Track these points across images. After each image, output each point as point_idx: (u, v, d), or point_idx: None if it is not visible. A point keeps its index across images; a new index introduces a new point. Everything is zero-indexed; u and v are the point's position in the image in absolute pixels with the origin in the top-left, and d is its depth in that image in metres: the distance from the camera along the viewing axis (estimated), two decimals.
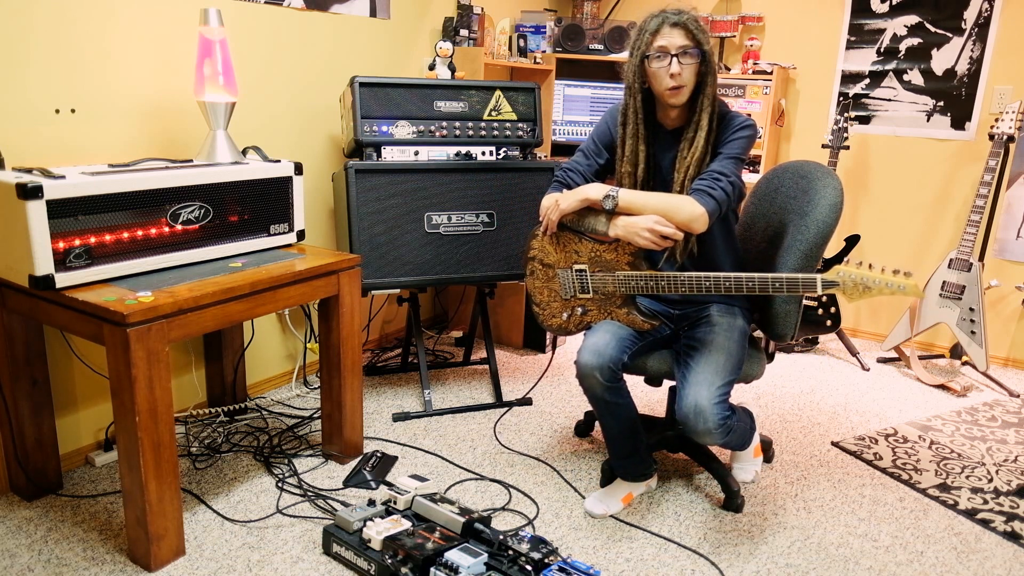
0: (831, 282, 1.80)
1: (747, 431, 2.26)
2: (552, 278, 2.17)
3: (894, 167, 3.63)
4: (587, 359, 2.00)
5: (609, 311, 2.11)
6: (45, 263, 1.76)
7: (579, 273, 2.11)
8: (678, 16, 1.94)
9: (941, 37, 3.42)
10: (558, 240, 2.12)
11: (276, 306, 2.07)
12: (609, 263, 2.06)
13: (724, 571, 1.95)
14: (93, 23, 2.16)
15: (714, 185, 1.94)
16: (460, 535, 1.89)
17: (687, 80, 1.94)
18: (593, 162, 2.17)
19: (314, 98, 2.88)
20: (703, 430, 1.89)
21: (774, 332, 2.14)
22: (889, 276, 1.74)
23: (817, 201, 2.03)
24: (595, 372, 1.99)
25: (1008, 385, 3.24)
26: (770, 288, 1.88)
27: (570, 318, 2.16)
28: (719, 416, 1.88)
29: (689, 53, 1.93)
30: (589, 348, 2.01)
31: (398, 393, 2.96)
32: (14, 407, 2.05)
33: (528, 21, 3.78)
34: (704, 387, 1.91)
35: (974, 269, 3.16)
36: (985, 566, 2.01)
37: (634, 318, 2.08)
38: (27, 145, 2.08)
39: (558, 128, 3.83)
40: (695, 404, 1.89)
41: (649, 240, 1.94)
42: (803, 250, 2.02)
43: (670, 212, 1.93)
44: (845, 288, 1.80)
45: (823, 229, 2.00)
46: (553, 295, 2.18)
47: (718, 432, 1.89)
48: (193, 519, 2.09)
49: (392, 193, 2.62)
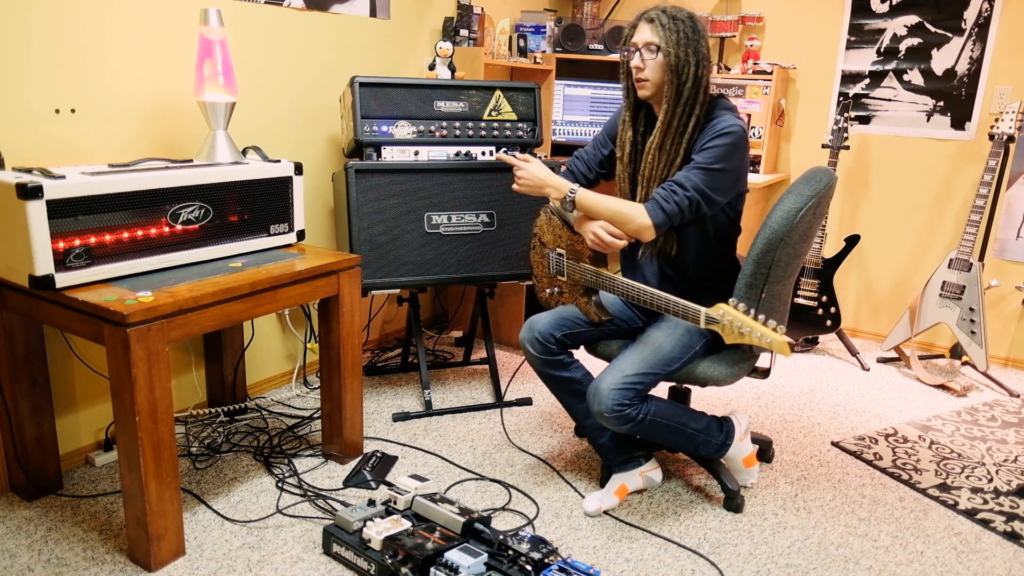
0: (712, 319, 1.80)
1: (688, 434, 2.13)
2: (545, 255, 2.28)
3: (894, 167, 3.63)
4: (522, 333, 2.22)
5: (575, 297, 2.21)
6: (45, 263, 1.76)
7: (558, 257, 2.22)
8: (655, 12, 1.99)
9: (941, 37, 3.42)
10: (550, 222, 2.23)
11: (276, 306, 2.07)
12: (578, 253, 2.14)
13: (724, 571, 1.95)
14: (93, 23, 2.16)
15: (669, 197, 1.95)
16: (460, 535, 1.89)
17: (649, 75, 1.99)
18: (598, 152, 2.26)
19: (314, 98, 2.88)
20: (596, 411, 1.98)
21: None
22: (765, 328, 1.70)
23: (778, 207, 1.96)
24: (526, 344, 2.20)
25: (1008, 385, 3.24)
26: (668, 309, 1.91)
27: (551, 295, 2.31)
28: (613, 402, 1.95)
29: (650, 48, 1.97)
30: (527, 324, 2.22)
31: (398, 393, 2.96)
32: (14, 407, 2.05)
33: (528, 21, 3.77)
34: (612, 372, 1.99)
35: (974, 269, 3.16)
36: (985, 566, 2.01)
37: (589, 308, 2.17)
38: (27, 145, 2.08)
39: (558, 128, 3.83)
40: (595, 386, 1.99)
41: (593, 242, 2.03)
42: (754, 256, 1.96)
43: (619, 220, 2.00)
44: (723, 328, 1.77)
45: (770, 236, 1.93)
46: (544, 271, 2.31)
47: (611, 417, 1.97)
48: (193, 519, 2.09)
49: (392, 193, 2.62)
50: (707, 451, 2.21)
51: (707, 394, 3.05)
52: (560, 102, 3.81)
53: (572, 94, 3.82)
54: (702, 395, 3.04)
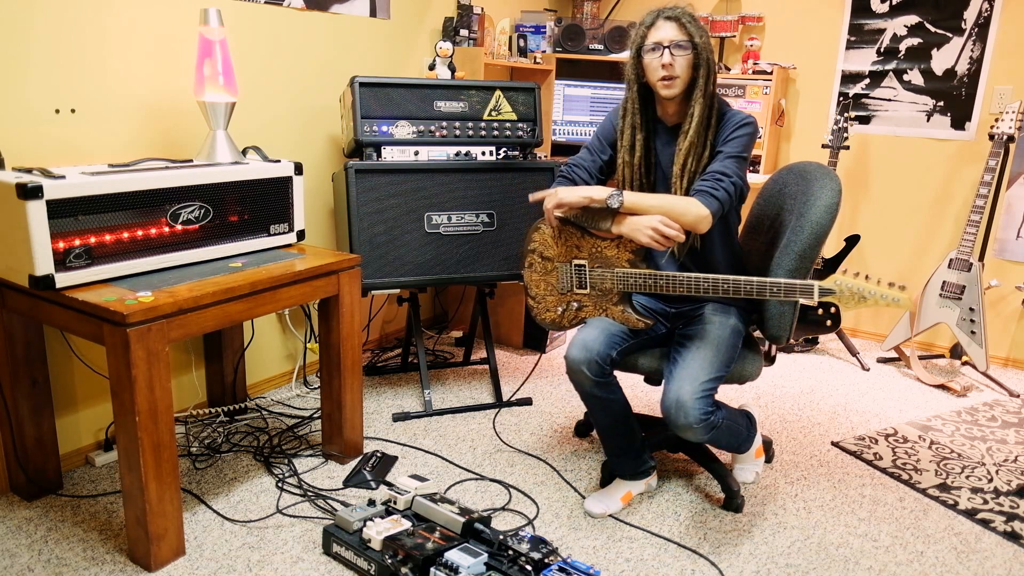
0: (828, 290, 1.82)
1: (741, 432, 2.23)
2: (550, 272, 2.17)
3: (894, 167, 3.63)
4: (576, 354, 2.02)
5: (604, 308, 2.11)
6: (45, 263, 1.76)
7: (578, 268, 2.12)
8: (672, 11, 2.00)
9: (941, 37, 3.42)
10: (560, 234, 2.13)
11: (276, 306, 2.07)
12: (609, 259, 2.07)
13: (724, 571, 1.95)
14: (93, 23, 2.16)
15: (716, 186, 1.97)
16: (460, 535, 1.89)
17: (679, 72, 1.98)
18: (597, 158, 2.20)
19: (314, 98, 2.88)
20: (683, 424, 1.90)
21: (769, 334, 2.14)
22: (885, 288, 1.77)
23: (813, 202, 2.04)
24: (583, 367, 2.01)
25: (1008, 385, 3.24)
26: (767, 293, 1.89)
27: (564, 313, 2.17)
28: (700, 411, 1.89)
29: (681, 46, 1.97)
30: (578, 343, 2.03)
31: (398, 393, 2.96)
32: (14, 407, 2.05)
33: (528, 21, 3.77)
34: (687, 382, 1.92)
35: (974, 269, 3.16)
36: (985, 566, 2.01)
37: (629, 316, 2.08)
38: (27, 145, 2.08)
39: (558, 128, 3.83)
40: (677, 398, 1.90)
41: (651, 238, 1.95)
42: (798, 251, 2.03)
43: (675, 213, 1.95)
44: (841, 297, 1.81)
45: (817, 230, 2.01)
46: (549, 288, 2.19)
47: (699, 428, 1.90)
48: (193, 519, 2.09)
49: (392, 193, 2.62)
50: (747, 446, 2.28)
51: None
52: (560, 102, 3.81)
53: (572, 94, 3.82)
54: None
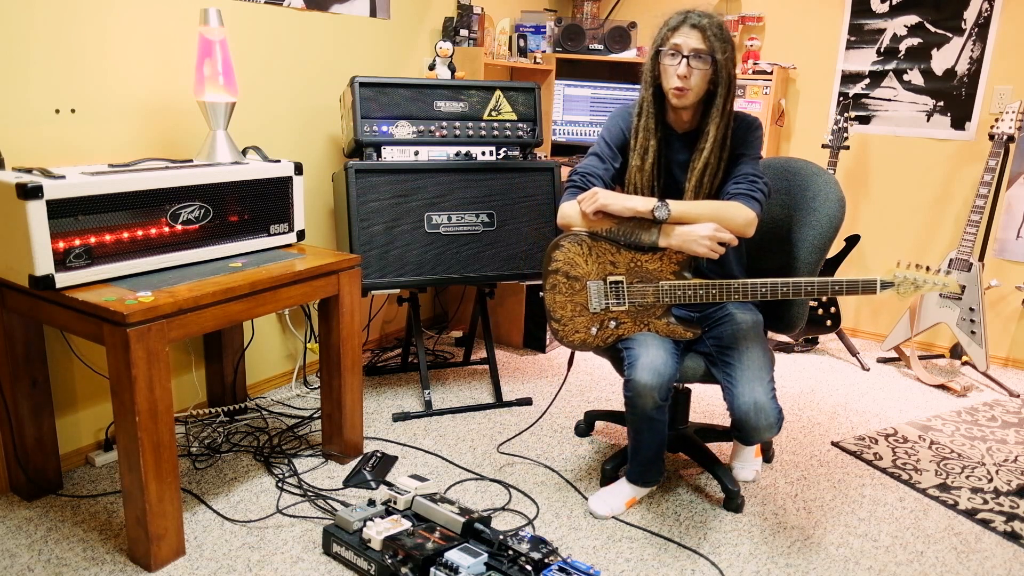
0: (888, 283, 1.88)
1: None
2: (579, 291, 2.06)
3: (894, 167, 3.63)
4: (648, 379, 1.92)
5: (647, 322, 2.04)
6: (45, 263, 1.76)
7: (614, 284, 2.05)
8: (700, 19, 1.92)
9: (941, 37, 3.42)
10: (591, 251, 2.04)
11: (276, 306, 2.07)
12: (651, 273, 2.01)
13: (724, 571, 1.95)
14: (93, 23, 2.16)
15: (753, 188, 1.99)
16: (460, 535, 1.89)
17: (694, 84, 1.93)
18: (610, 166, 2.12)
19: (314, 98, 2.88)
20: (765, 426, 1.90)
21: (787, 324, 2.23)
22: (933, 276, 1.88)
23: (823, 197, 2.15)
24: (653, 392, 1.92)
25: (1008, 385, 3.24)
26: (829, 291, 1.92)
27: (599, 332, 2.07)
28: (777, 409, 1.92)
29: (701, 58, 1.91)
30: (647, 368, 1.92)
31: (398, 393, 2.96)
32: (14, 407, 2.05)
33: (528, 21, 3.78)
34: (757, 383, 1.93)
35: (974, 269, 3.16)
36: (985, 566, 2.01)
37: (675, 328, 2.04)
38: (27, 145, 2.08)
39: (558, 128, 3.83)
40: (755, 401, 1.90)
41: (708, 248, 1.92)
42: (815, 243, 2.15)
43: (724, 219, 1.94)
44: (900, 287, 1.88)
45: (834, 222, 2.13)
46: (578, 309, 2.08)
47: (777, 425, 1.92)
48: (193, 519, 2.09)
49: (392, 193, 2.62)
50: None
51: (707, 393, 3.05)
52: (560, 102, 3.81)
53: (572, 94, 3.81)
54: (702, 395, 3.04)
